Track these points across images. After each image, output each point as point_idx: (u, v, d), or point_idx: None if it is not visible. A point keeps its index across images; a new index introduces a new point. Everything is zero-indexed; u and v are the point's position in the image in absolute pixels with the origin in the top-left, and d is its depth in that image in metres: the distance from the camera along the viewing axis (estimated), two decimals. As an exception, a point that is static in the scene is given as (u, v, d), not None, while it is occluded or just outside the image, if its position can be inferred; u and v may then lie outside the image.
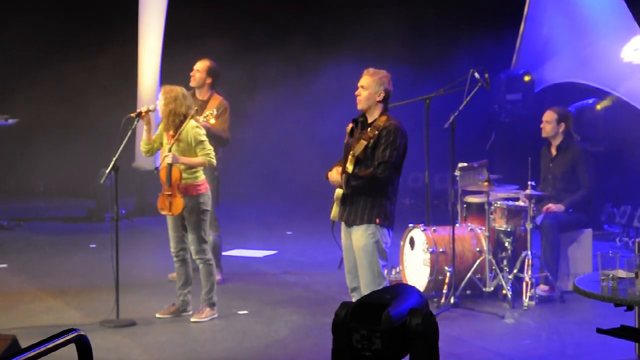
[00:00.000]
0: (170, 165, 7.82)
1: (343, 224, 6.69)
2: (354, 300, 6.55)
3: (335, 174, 6.59)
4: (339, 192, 6.58)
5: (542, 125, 9.16)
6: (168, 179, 7.85)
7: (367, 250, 6.49)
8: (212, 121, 8.77)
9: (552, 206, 8.89)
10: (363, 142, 6.48)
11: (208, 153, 7.86)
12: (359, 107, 6.61)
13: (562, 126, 9.12)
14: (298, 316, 8.20)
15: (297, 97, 14.18)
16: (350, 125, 6.57)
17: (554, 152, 9.19)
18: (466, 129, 9.88)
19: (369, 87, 6.56)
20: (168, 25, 13.26)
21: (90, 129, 14.27)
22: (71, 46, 14.64)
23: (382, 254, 6.54)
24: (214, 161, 7.90)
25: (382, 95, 6.55)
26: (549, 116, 9.12)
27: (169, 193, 7.86)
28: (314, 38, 14.06)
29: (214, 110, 8.82)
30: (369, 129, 6.52)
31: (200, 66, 9.15)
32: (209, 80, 9.15)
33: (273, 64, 14.33)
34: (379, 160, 6.41)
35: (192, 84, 9.06)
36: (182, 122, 7.81)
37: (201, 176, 7.95)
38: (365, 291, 6.48)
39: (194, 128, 7.86)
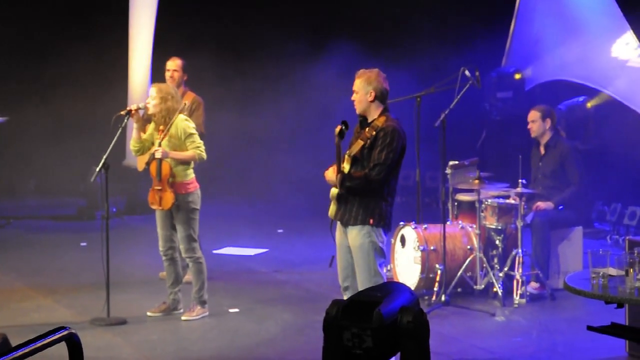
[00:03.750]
0: (160, 160, 7.82)
1: (339, 223, 6.68)
2: (345, 299, 6.55)
3: (331, 173, 6.56)
4: (334, 191, 6.56)
5: (529, 127, 9.18)
6: (158, 174, 7.84)
7: (363, 250, 6.47)
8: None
9: (541, 204, 8.91)
10: (360, 142, 6.45)
11: (198, 146, 7.86)
12: (357, 111, 6.56)
13: (548, 122, 9.14)
14: (289, 314, 8.20)
15: (284, 93, 14.18)
16: (339, 127, 6.46)
17: (542, 150, 9.21)
18: (457, 127, 9.89)
19: (359, 89, 6.51)
20: (158, 23, 13.25)
21: (80, 127, 14.24)
22: (61, 44, 14.60)
23: (379, 253, 6.51)
24: (204, 155, 7.88)
25: (373, 94, 6.48)
26: (533, 115, 9.15)
27: (159, 188, 7.86)
28: (300, 36, 14.07)
29: (185, 103, 8.67)
30: (367, 128, 6.48)
31: (175, 65, 9.13)
32: (185, 78, 9.18)
33: (258, 59, 14.36)
34: (374, 162, 6.37)
35: (172, 83, 8.89)
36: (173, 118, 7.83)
37: (191, 174, 7.94)
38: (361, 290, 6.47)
39: (183, 121, 7.87)
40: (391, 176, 6.48)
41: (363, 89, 6.47)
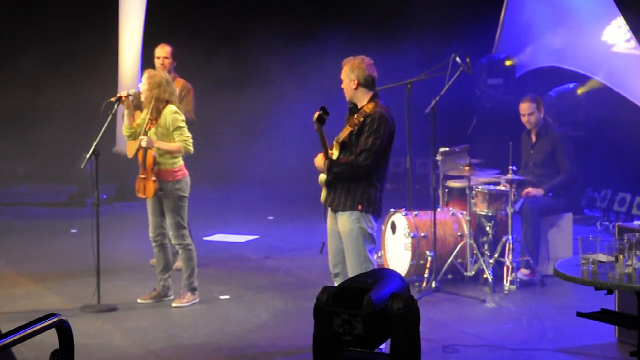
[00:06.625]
0: (145, 149, 7.81)
1: (330, 209, 6.68)
2: (335, 285, 6.55)
3: (320, 160, 6.58)
4: (322, 177, 6.58)
5: (525, 120, 9.09)
6: (143, 162, 7.85)
7: (352, 235, 6.48)
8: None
9: (531, 190, 8.92)
10: (348, 129, 6.48)
11: (185, 139, 7.83)
12: (347, 99, 6.62)
13: (542, 111, 9.14)
14: (280, 301, 8.21)
15: (275, 80, 14.15)
16: (317, 113, 6.40)
17: (534, 138, 9.20)
18: (448, 114, 9.89)
19: (344, 77, 6.57)
20: (149, 9, 13.19)
21: (70, 113, 14.19)
22: (52, 29, 14.53)
23: (368, 239, 6.52)
24: (191, 148, 7.84)
25: (355, 81, 6.48)
26: (530, 107, 9.05)
27: (144, 176, 7.87)
28: (290, 23, 14.04)
29: (177, 91, 8.64)
30: (355, 115, 6.51)
31: (165, 52, 9.09)
32: (174, 64, 9.15)
33: (249, 45, 14.33)
34: (361, 148, 6.39)
35: (163, 70, 8.91)
36: (163, 108, 7.80)
37: (179, 162, 7.92)
38: (351, 276, 6.47)
39: (172, 113, 7.83)
40: (380, 162, 6.49)
41: (347, 77, 6.53)
